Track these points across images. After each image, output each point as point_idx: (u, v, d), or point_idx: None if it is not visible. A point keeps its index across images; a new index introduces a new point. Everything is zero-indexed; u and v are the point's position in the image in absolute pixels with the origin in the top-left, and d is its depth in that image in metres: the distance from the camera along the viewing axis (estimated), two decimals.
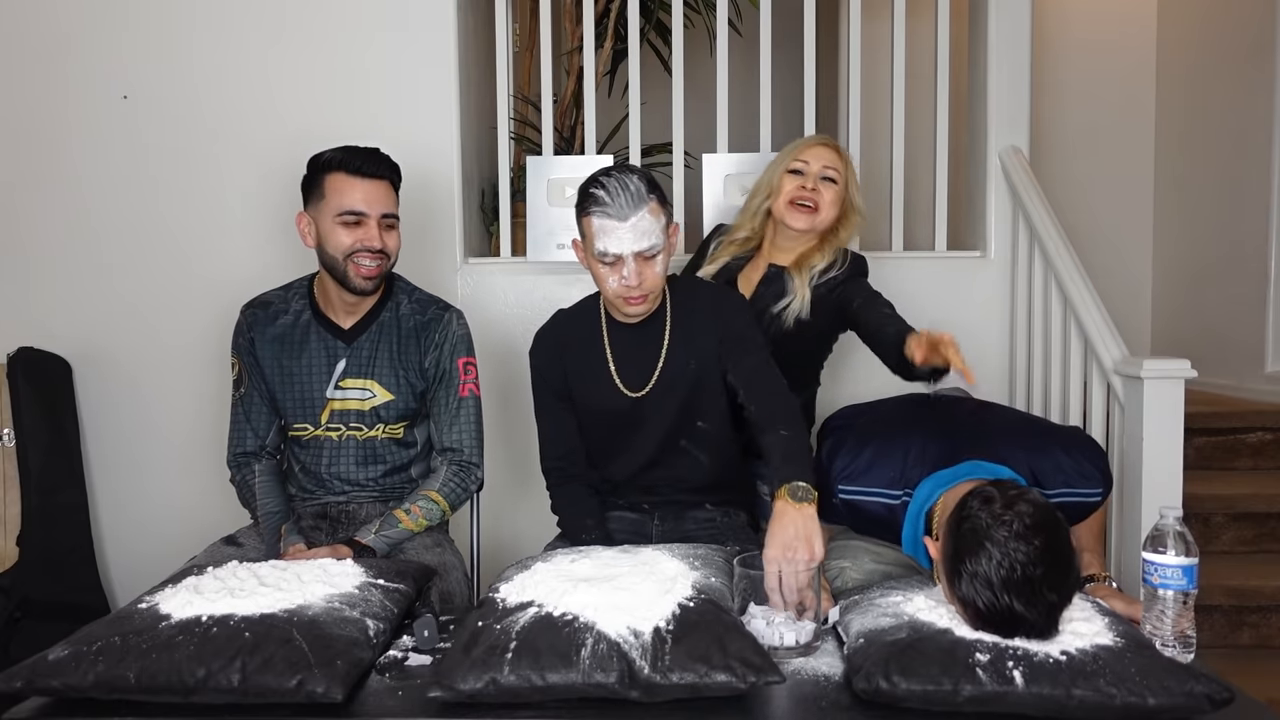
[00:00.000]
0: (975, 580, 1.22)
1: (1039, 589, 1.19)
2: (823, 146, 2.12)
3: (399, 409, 1.89)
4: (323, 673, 1.17)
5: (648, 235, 1.67)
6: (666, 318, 1.82)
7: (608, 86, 3.57)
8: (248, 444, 1.93)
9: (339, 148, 1.83)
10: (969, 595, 1.23)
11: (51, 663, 1.20)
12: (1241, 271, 3.51)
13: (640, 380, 1.82)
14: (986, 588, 1.20)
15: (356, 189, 1.79)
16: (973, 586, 1.22)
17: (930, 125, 2.94)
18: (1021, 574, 1.19)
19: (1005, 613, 1.19)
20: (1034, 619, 1.19)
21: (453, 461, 1.90)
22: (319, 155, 1.83)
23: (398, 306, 1.92)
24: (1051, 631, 1.22)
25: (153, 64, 2.72)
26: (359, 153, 1.81)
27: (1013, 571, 1.19)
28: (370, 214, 1.80)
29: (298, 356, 1.89)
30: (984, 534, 1.23)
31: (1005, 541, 1.21)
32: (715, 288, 1.88)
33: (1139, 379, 2.15)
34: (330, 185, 1.80)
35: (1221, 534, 2.78)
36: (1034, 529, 1.21)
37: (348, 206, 1.79)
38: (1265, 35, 3.37)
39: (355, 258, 1.80)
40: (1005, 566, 1.19)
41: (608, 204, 1.65)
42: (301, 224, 1.86)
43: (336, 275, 1.83)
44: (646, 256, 1.69)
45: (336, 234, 1.80)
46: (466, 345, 1.94)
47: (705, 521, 1.89)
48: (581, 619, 1.20)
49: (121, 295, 2.75)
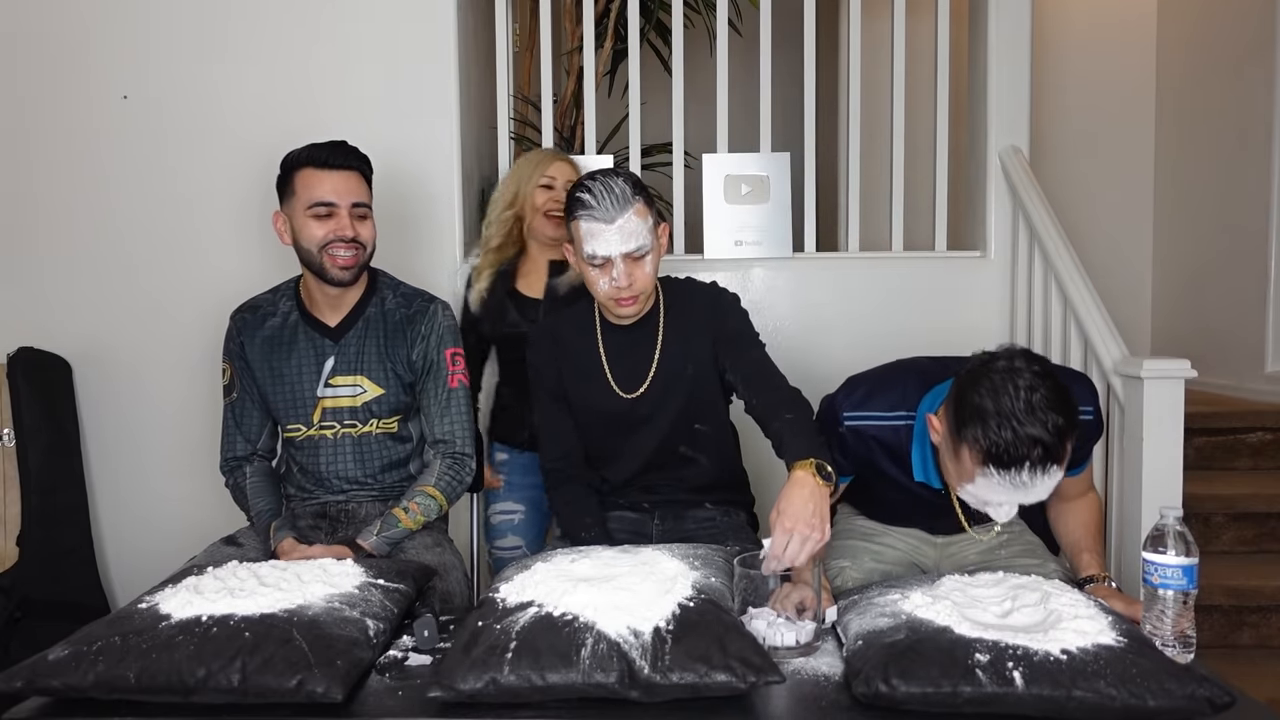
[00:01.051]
0: (979, 416, 1.29)
1: (1041, 409, 1.27)
2: (564, 162, 2.37)
3: (390, 403, 1.90)
4: (323, 673, 1.17)
5: (634, 236, 1.69)
6: (660, 319, 1.83)
7: (608, 86, 3.57)
8: (238, 449, 1.94)
9: (308, 145, 1.85)
10: (975, 435, 1.28)
11: (51, 663, 1.20)
12: (1241, 271, 3.51)
13: (634, 382, 1.82)
14: (993, 416, 1.27)
15: (325, 180, 1.81)
16: (977, 421, 1.29)
17: (930, 125, 2.94)
18: (1024, 398, 1.27)
19: (1012, 437, 1.26)
20: (1040, 435, 1.26)
21: (445, 454, 1.90)
22: (289, 154, 1.86)
23: (383, 301, 1.93)
24: (1062, 455, 1.27)
25: (152, 64, 2.72)
26: (325, 146, 1.84)
27: (1015, 397, 1.27)
28: (340, 204, 1.81)
29: (287, 357, 1.89)
30: (982, 375, 1.33)
31: (1003, 374, 1.31)
32: (709, 289, 1.88)
33: (1139, 379, 2.15)
34: (300, 180, 1.82)
35: (1221, 534, 2.78)
36: (1029, 365, 1.32)
37: (317, 198, 1.80)
38: (1265, 35, 3.37)
39: (330, 249, 1.81)
40: (1007, 394, 1.28)
41: (594, 207, 1.67)
42: (278, 223, 1.88)
43: (314, 269, 1.84)
44: (635, 257, 1.70)
45: (309, 227, 1.81)
46: (453, 336, 1.95)
47: (705, 521, 1.89)
48: (581, 619, 1.20)
49: (121, 295, 2.75)
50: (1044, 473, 1.29)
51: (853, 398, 1.60)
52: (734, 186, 2.83)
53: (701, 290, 1.88)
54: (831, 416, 1.61)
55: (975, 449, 1.31)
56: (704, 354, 1.80)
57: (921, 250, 2.98)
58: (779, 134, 2.98)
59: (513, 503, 2.32)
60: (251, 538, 1.88)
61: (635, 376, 1.82)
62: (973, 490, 1.37)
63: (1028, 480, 1.29)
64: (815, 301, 2.85)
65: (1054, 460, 1.28)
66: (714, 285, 1.88)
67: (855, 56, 2.92)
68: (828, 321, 2.84)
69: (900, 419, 1.57)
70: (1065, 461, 1.32)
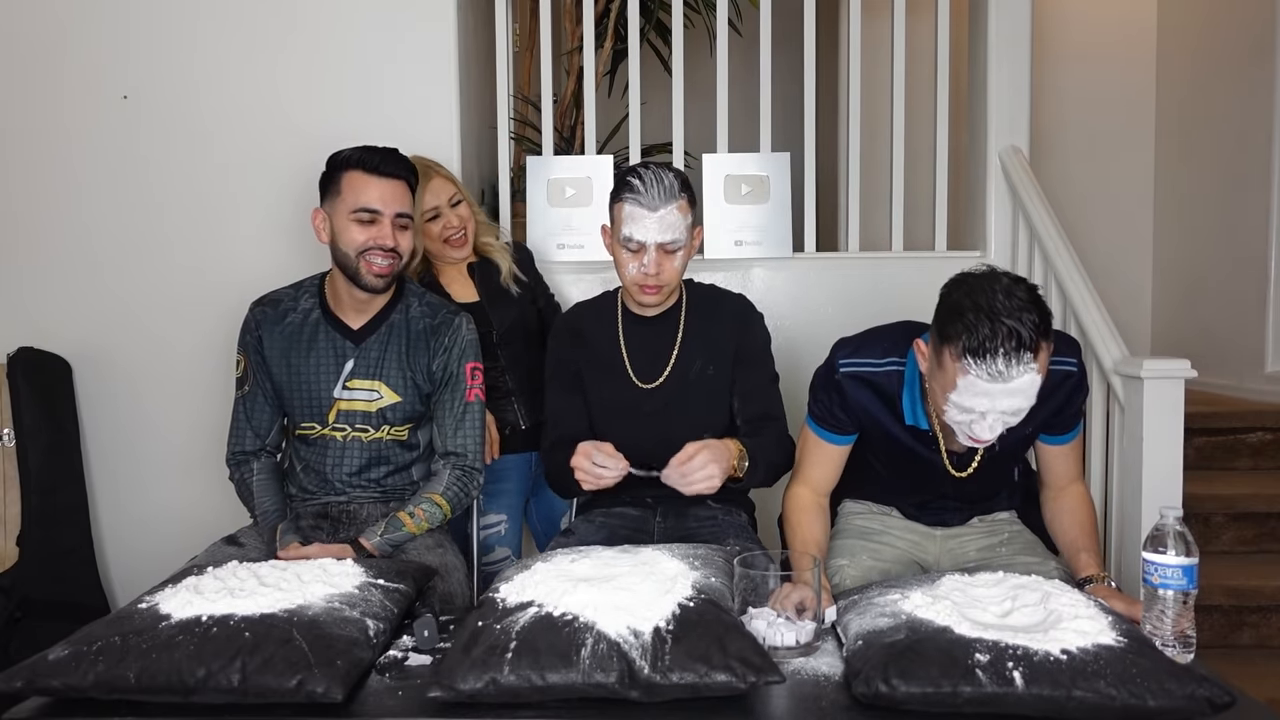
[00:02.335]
0: (958, 312, 1.39)
1: (1018, 305, 1.37)
2: (436, 178, 2.22)
3: (405, 411, 1.89)
4: (323, 673, 1.17)
5: (673, 229, 1.75)
6: (682, 316, 1.89)
7: (608, 86, 3.58)
8: (247, 443, 1.93)
9: (359, 147, 1.85)
10: (955, 331, 1.38)
11: (51, 663, 1.20)
12: (1241, 272, 3.52)
13: (651, 374, 1.88)
14: (971, 310, 1.37)
15: (373, 187, 1.81)
16: (957, 318, 1.38)
17: (930, 125, 2.94)
18: (1002, 297, 1.37)
19: (989, 329, 1.35)
20: (1016, 326, 1.35)
21: (456, 466, 1.90)
22: (338, 153, 1.85)
23: (408, 309, 1.92)
24: (1038, 349, 1.36)
25: (153, 64, 2.72)
26: (378, 152, 1.83)
27: (992, 295, 1.38)
28: (385, 212, 1.81)
29: (305, 355, 1.89)
30: (962, 282, 1.44)
31: (982, 279, 1.42)
32: (741, 300, 1.94)
33: (1139, 379, 2.15)
34: (347, 183, 1.82)
35: (1221, 534, 2.78)
36: (1006, 274, 1.43)
37: (363, 204, 1.80)
38: (1265, 37, 3.37)
39: (368, 255, 1.81)
40: (984, 293, 1.39)
41: (641, 193, 1.75)
42: (317, 220, 1.88)
43: (349, 272, 1.84)
44: (668, 250, 1.77)
45: (350, 231, 1.81)
46: (475, 351, 1.95)
47: (707, 519, 1.89)
48: (581, 619, 1.20)
49: (121, 295, 2.75)
50: (1019, 364, 1.36)
51: (846, 349, 1.67)
52: (734, 186, 2.83)
53: (732, 299, 1.94)
54: (827, 371, 1.68)
55: (955, 346, 1.39)
56: (724, 359, 1.86)
57: (921, 250, 2.98)
58: (779, 134, 2.98)
59: (494, 514, 2.30)
60: (252, 537, 1.88)
61: (653, 368, 1.88)
62: (956, 402, 1.42)
63: (1004, 370, 1.36)
64: (815, 301, 2.85)
65: (1029, 351, 1.36)
66: (744, 298, 1.94)
67: (855, 56, 2.92)
68: (828, 321, 2.83)
69: (891, 365, 1.63)
70: (1042, 365, 1.39)
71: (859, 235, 2.95)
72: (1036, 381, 1.38)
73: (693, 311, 1.90)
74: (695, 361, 1.87)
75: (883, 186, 2.99)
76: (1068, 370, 1.59)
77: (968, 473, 1.66)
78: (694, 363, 1.87)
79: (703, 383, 1.87)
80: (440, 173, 2.25)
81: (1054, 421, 1.64)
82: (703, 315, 1.90)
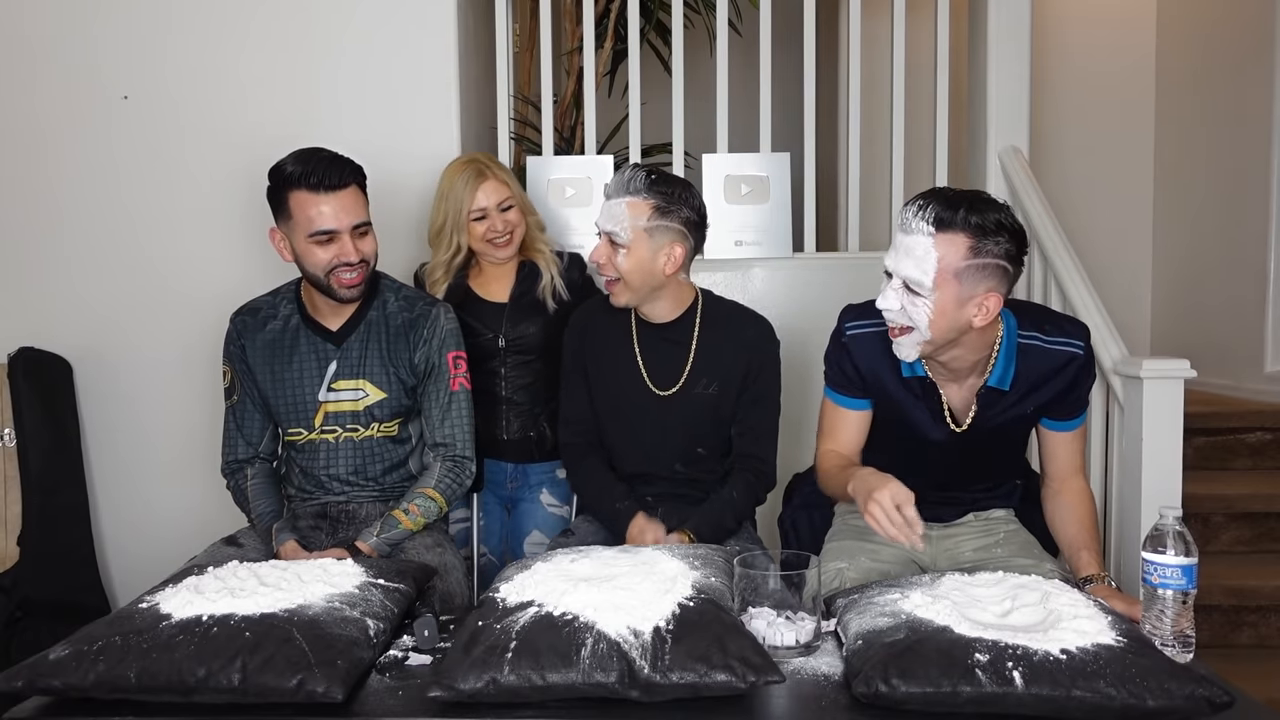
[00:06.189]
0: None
1: (969, 195, 1.47)
2: (491, 181, 2.18)
3: (392, 407, 1.90)
4: (323, 672, 1.17)
5: (616, 221, 1.80)
6: (695, 326, 1.91)
7: (608, 86, 3.57)
8: (239, 452, 1.94)
9: (296, 155, 1.77)
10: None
11: (52, 662, 1.20)
12: (1241, 272, 3.52)
13: (666, 380, 1.91)
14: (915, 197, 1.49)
15: (323, 205, 1.75)
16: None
17: (930, 125, 2.94)
18: (973, 192, 1.48)
19: (930, 191, 1.47)
20: (945, 192, 1.47)
21: (446, 457, 1.90)
22: (279, 167, 1.78)
23: (384, 305, 1.92)
24: (950, 226, 1.44)
25: (152, 64, 2.71)
26: (319, 164, 1.75)
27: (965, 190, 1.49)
28: (342, 229, 1.77)
29: (289, 361, 1.89)
30: None
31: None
32: (763, 322, 1.95)
33: (1138, 379, 2.15)
34: (296, 204, 1.76)
35: (1221, 534, 2.79)
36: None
37: (318, 226, 1.75)
38: (1265, 36, 3.37)
39: (335, 272, 1.79)
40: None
41: (610, 180, 1.85)
42: (275, 240, 1.84)
43: (321, 289, 1.83)
44: (612, 241, 1.81)
45: (312, 253, 1.78)
46: (455, 339, 1.94)
47: None
48: (581, 619, 1.20)
49: (122, 295, 2.74)
50: (919, 219, 1.46)
51: (850, 314, 1.73)
52: (734, 186, 2.83)
53: (754, 320, 1.96)
54: (836, 336, 1.74)
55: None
56: (730, 382, 1.89)
57: None
58: (779, 134, 2.97)
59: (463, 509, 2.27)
60: (252, 538, 1.88)
61: (668, 375, 1.91)
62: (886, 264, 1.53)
63: (908, 220, 1.47)
64: (815, 301, 2.85)
65: (937, 219, 1.44)
66: (766, 324, 1.96)
67: (855, 56, 2.92)
68: (828, 321, 2.82)
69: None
70: (949, 250, 1.45)
71: (859, 235, 2.95)
72: (930, 256, 1.45)
73: (709, 324, 1.92)
74: (707, 371, 1.90)
75: (883, 186, 2.99)
76: (1073, 352, 1.59)
77: (965, 426, 1.65)
78: (706, 372, 1.90)
79: (707, 399, 1.90)
80: (496, 175, 2.20)
81: (1058, 405, 1.64)
82: (719, 329, 1.91)
